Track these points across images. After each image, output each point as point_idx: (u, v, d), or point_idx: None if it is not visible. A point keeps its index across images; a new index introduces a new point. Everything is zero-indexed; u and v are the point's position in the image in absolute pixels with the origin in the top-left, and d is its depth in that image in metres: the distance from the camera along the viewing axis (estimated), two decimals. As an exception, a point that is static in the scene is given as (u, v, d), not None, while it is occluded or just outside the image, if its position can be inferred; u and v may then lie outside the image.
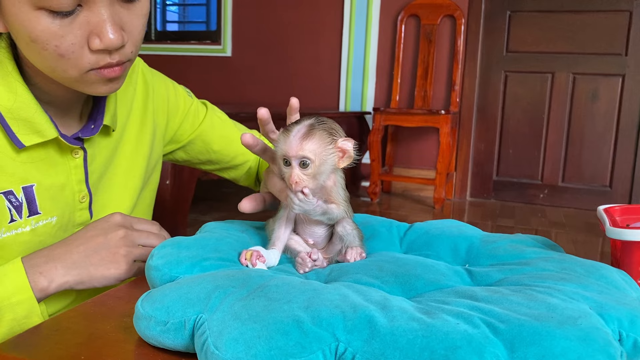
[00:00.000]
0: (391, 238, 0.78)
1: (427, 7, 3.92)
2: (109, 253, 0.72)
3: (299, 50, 4.37)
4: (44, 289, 0.69)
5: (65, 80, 0.68)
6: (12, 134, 0.70)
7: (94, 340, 0.53)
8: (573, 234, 3.07)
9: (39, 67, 0.67)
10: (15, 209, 0.71)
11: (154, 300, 0.53)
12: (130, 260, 0.73)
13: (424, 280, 0.60)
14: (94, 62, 0.65)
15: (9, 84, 0.70)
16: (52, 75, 0.67)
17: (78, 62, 0.64)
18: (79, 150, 0.78)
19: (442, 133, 3.56)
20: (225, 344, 0.44)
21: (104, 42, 0.63)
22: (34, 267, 0.69)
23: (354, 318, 0.46)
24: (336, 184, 0.67)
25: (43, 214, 0.75)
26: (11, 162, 0.71)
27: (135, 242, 0.75)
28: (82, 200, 0.80)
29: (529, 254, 0.68)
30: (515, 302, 0.50)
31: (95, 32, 0.63)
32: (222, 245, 0.67)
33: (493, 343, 0.43)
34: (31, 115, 0.71)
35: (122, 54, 0.66)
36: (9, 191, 0.71)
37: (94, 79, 0.67)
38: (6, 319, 0.67)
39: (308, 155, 0.62)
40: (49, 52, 0.63)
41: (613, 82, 3.67)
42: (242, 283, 0.54)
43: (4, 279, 0.68)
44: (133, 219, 0.77)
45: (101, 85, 0.69)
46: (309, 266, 0.65)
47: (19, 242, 0.72)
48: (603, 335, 0.44)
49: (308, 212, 0.66)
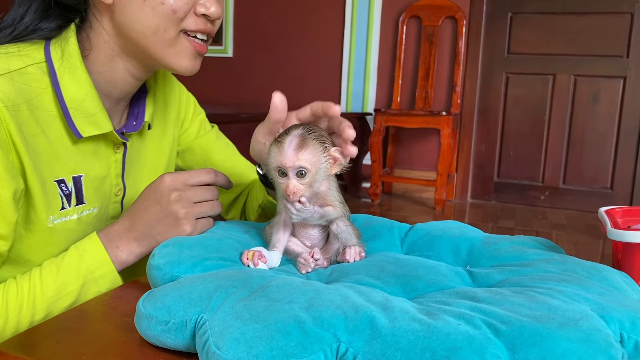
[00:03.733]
0: (392, 239, 0.78)
1: (428, 8, 3.92)
2: (169, 219, 0.73)
3: (300, 51, 4.37)
4: (124, 262, 0.73)
5: (159, 43, 0.74)
6: (73, 124, 0.73)
7: (95, 340, 0.53)
8: (574, 236, 3.06)
9: (139, 29, 0.73)
10: (65, 197, 0.74)
11: (155, 300, 0.53)
12: (191, 219, 0.73)
13: (425, 281, 0.60)
14: (192, 24, 0.74)
15: (76, 77, 0.73)
16: (151, 39, 0.73)
17: (181, 22, 0.73)
18: (121, 145, 0.82)
19: (443, 134, 3.56)
20: (226, 344, 0.44)
21: (210, 11, 0.74)
22: (111, 242, 0.73)
23: (355, 319, 0.46)
24: (330, 188, 0.68)
25: (87, 204, 0.78)
26: (65, 152, 0.74)
27: (191, 200, 0.74)
28: (117, 194, 0.83)
29: (530, 255, 0.68)
30: (517, 304, 0.50)
31: (202, 2, 0.74)
32: (223, 246, 0.67)
33: (494, 344, 0.43)
34: (93, 107, 0.74)
35: (214, 26, 0.77)
36: (62, 180, 0.74)
37: (184, 45, 0.75)
38: (91, 292, 0.70)
39: (305, 165, 0.63)
40: (165, 7, 0.71)
41: (614, 84, 3.67)
42: (243, 283, 0.54)
43: (84, 254, 0.71)
44: (183, 175, 0.75)
45: (188, 58, 0.76)
46: (312, 266, 0.65)
47: (66, 230, 0.75)
48: (604, 337, 0.44)
49: (306, 219, 0.67)
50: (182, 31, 0.74)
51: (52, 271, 0.70)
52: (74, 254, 0.71)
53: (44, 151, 0.71)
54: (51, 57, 0.72)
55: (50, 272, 0.69)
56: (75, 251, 0.72)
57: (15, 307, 0.67)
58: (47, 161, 0.71)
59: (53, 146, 0.72)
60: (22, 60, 0.71)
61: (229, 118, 2.47)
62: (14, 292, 0.67)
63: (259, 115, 2.89)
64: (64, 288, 0.69)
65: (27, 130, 0.68)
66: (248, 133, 0.79)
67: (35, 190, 0.69)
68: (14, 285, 0.68)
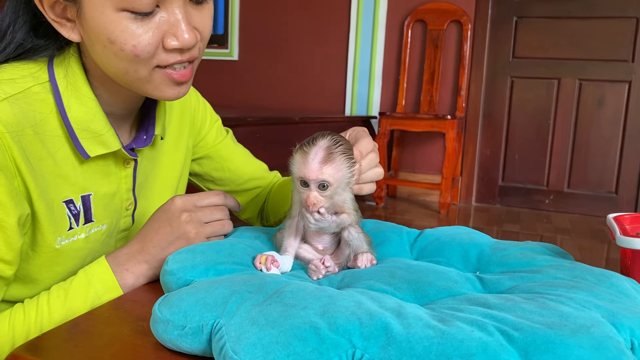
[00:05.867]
0: (402, 244, 0.78)
1: (433, 12, 3.93)
2: (181, 240, 0.73)
3: (305, 55, 4.38)
4: (132, 285, 0.72)
5: (135, 82, 0.69)
6: (79, 145, 0.72)
7: (112, 344, 0.54)
8: (578, 240, 3.06)
9: (111, 72, 0.69)
10: (73, 217, 0.74)
11: (171, 305, 0.54)
12: (202, 239, 0.74)
13: (436, 287, 0.60)
14: (164, 60, 0.67)
15: (80, 97, 0.72)
16: (124, 78, 0.69)
17: (150, 60, 0.67)
18: (131, 160, 0.80)
19: (448, 138, 3.56)
20: (243, 349, 0.45)
21: (180, 41, 0.66)
22: (119, 265, 0.72)
23: (370, 325, 0.47)
24: (348, 197, 0.68)
25: (96, 221, 0.77)
26: (74, 172, 0.73)
27: (201, 220, 0.75)
28: (128, 208, 0.82)
29: (540, 261, 0.68)
30: (528, 310, 0.51)
31: (171, 32, 0.66)
32: (235, 251, 0.68)
33: (508, 351, 0.44)
34: (100, 127, 0.73)
35: (192, 52, 0.69)
36: (70, 200, 0.73)
37: (160, 79, 0.69)
38: None
39: (328, 179, 0.63)
40: (125, 53, 0.65)
41: (619, 88, 3.67)
42: (258, 288, 0.55)
43: (92, 279, 0.71)
44: (193, 197, 0.76)
45: (169, 88, 0.71)
46: (323, 273, 0.66)
47: (74, 249, 0.74)
48: (616, 344, 0.45)
49: (324, 228, 0.67)
50: (157, 66, 0.68)
51: (60, 296, 0.69)
52: (82, 279, 0.71)
53: (51, 173, 0.70)
54: (55, 76, 0.71)
55: (59, 298, 0.69)
56: (84, 275, 0.71)
57: (22, 334, 0.66)
58: (54, 183, 0.70)
59: (60, 167, 0.71)
60: (25, 81, 0.69)
61: (235, 121, 2.47)
62: (20, 318, 0.67)
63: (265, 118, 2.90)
64: (72, 313, 0.68)
65: (32, 154, 0.67)
66: (254, 136, 0.80)
67: (41, 214, 0.69)
68: (20, 311, 0.68)
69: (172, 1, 0.65)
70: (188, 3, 0.67)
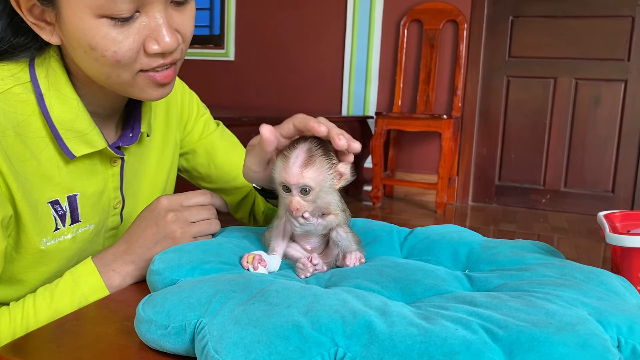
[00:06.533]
0: (392, 243, 0.78)
1: (429, 12, 3.93)
2: (167, 240, 0.72)
3: (302, 55, 4.38)
4: (119, 286, 0.72)
5: (118, 86, 0.69)
6: (64, 145, 0.71)
7: (95, 344, 0.53)
8: (575, 240, 3.06)
9: (93, 75, 0.68)
10: (59, 218, 0.73)
11: (154, 304, 0.53)
12: (188, 239, 0.73)
13: (423, 285, 0.60)
14: (146, 64, 0.66)
15: (62, 97, 0.71)
16: (107, 82, 0.68)
17: (132, 65, 0.66)
18: (117, 159, 0.79)
19: (444, 138, 3.56)
20: (225, 348, 0.45)
21: (162, 45, 0.65)
22: (106, 266, 0.72)
23: (353, 323, 0.46)
24: (333, 198, 0.67)
25: (83, 221, 0.76)
26: (59, 172, 0.72)
27: (188, 220, 0.74)
28: (116, 207, 0.81)
29: (529, 259, 0.68)
30: (514, 308, 0.51)
31: (152, 37, 0.65)
32: (223, 250, 0.68)
33: (491, 349, 0.43)
34: (84, 126, 0.72)
35: (174, 55, 0.68)
36: (55, 200, 0.72)
37: (144, 82, 0.69)
38: None
39: (309, 183, 0.63)
40: (106, 59, 0.64)
41: (615, 87, 3.67)
42: (242, 287, 0.54)
43: (79, 280, 0.70)
44: (180, 197, 0.75)
45: (153, 89, 0.70)
46: (310, 271, 0.65)
47: (60, 249, 0.74)
48: (601, 342, 0.44)
49: (310, 231, 0.67)
50: (140, 70, 0.67)
51: (46, 298, 0.68)
52: (69, 280, 0.70)
53: (34, 174, 0.69)
54: (36, 76, 0.70)
55: (45, 300, 0.68)
56: (70, 277, 0.70)
57: (7, 337, 0.66)
58: (39, 184, 0.70)
59: (44, 168, 0.70)
60: (6, 82, 0.68)
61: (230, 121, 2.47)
62: (6, 321, 0.67)
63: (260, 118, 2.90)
64: (58, 315, 0.67)
65: (13, 156, 0.66)
66: (249, 137, 0.79)
67: (25, 215, 0.68)
68: (6, 314, 0.67)
69: (152, 6, 0.64)
70: (169, 5, 0.66)
